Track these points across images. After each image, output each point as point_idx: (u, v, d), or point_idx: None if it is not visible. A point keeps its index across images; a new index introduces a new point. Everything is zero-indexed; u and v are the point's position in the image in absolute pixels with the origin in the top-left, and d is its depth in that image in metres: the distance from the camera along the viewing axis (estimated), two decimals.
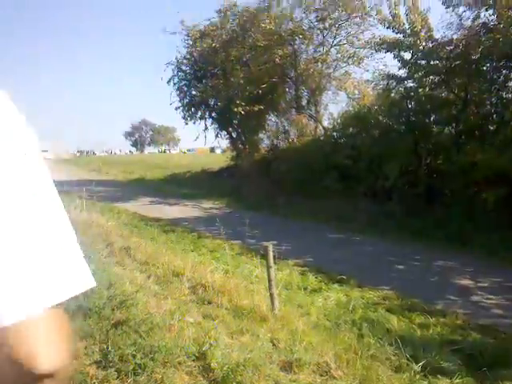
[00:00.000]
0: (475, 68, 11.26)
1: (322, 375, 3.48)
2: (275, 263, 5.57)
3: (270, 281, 4.96)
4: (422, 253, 8.41)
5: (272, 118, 22.43)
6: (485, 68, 11.51)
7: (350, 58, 18.79)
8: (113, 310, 4.23)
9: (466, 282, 6.87)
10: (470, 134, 11.94)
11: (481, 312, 5.66)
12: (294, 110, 20.78)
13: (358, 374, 3.50)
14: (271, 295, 4.89)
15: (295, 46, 19.46)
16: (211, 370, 3.32)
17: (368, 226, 10.38)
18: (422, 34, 12.26)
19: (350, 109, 17.20)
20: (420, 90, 12.94)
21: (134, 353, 3.32)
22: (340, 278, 6.48)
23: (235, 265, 7.16)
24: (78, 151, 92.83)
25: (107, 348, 3.42)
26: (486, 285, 6.70)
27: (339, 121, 17.00)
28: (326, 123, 19.44)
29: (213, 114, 24.18)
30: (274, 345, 3.94)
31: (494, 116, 11.81)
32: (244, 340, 3.95)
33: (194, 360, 3.50)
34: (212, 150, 47.54)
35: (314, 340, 4.08)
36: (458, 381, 3.84)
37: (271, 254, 5.02)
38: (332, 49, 19.40)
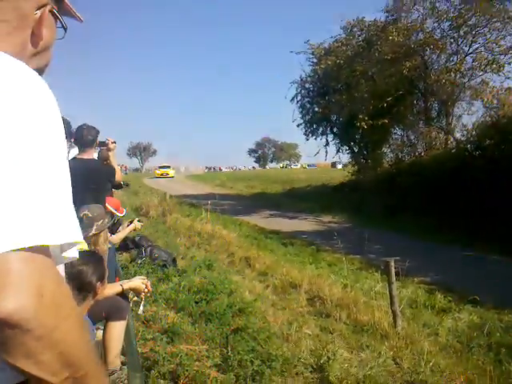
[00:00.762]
0: None
1: None
2: (398, 280, 5.27)
3: (391, 297, 4.69)
4: None
5: (397, 132, 21.73)
6: None
7: (488, 65, 17.21)
8: (232, 316, 4.35)
9: None
10: None
11: None
12: (421, 122, 19.79)
13: None
14: (393, 312, 4.61)
15: (425, 57, 18.57)
16: None
17: (504, 244, 9.29)
18: None
19: (487, 119, 15.79)
20: None
21: (253, 359, 3.35)
22: (473, 299, 5.84)
23: (354, 279, 6.92)
24: (206, 167, 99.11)
25: (227, 352, 3.49)
26: None
27: (474, 132, 15.69)
28: (458, 135, 18.11)
29: (334, 130, 24.30)
30: (396, 364, 3.70)
31: None
32: (364, 356, 3.77)
33: (311, 372, 3.43)
34: (333, 165, 47.25)
35: (441, 362, 3.74)
36: None
37: (393, 270, 4.75)
38: (467, 57, 18.00)
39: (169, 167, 51.69)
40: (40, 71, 0.84)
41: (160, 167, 52.17)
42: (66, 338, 0.63)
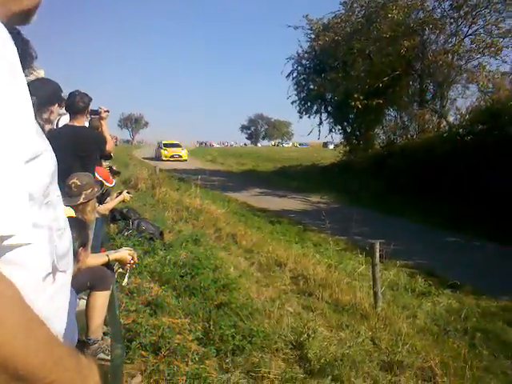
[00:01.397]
0: None
1: (425, 380, 3.28)
2: (381, 262, 5.33)
3: (374, 279, 4.77)
4: None
5: (391, 113, 21.71)
6: None
7: (486, 48, 17.09)
8: (216, 291, 4.39)
9: None
10: None
11: None
12: (416, 104, 19.76)
13: None
14: (375, 293, 4.70)
15: (424, 37, 18.37)
16: (308, 361, 3.29)
17: (493, 231, 9.44)
18: None
19: (482, 103, 15.76)
20: None
21: (234, 334, 3.41)
22: (453, 283, 5.95)
23: (339, 260, 7.01)
24: (197, 142, 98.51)
25: (209, 327, 3.55)
26: None
27: (467, 116, 15.68)
28: (451, 119, 18.14)
29: (328, 109, 24.26)
30: (374, 343, 3.79)
31: None
32: (343, 335, 3.86)
33: (291, 348, 3.50)
34: (325, 145, 47.13)
35: (418, 344, 3.84)
36: None
37: (377, 252, 4.81)
38: (466, 39, 17.79)
39: (179, 146, 35.78)
40: (29, 12, 0.77)
41: (166, 145, 35.20)
42: (9, 349, 0.53)
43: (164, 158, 32.20)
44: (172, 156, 33.30)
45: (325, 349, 3.42)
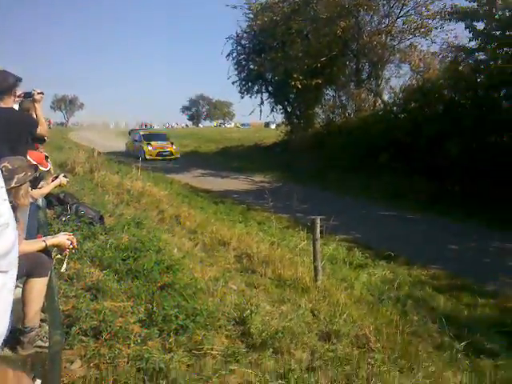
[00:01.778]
0: None
1: (360, 347, 3.44)
2: (322, 237, 5.51)
3: (314, 253, 4.93)
4: (478, 233, 8.00)
5: (329, 93, 22.12)
6: None
7: (416, 29, 17.87)
8: (160, 273, 4.36)
9: None
10: None
11: None
12: (352, 83, 20.31)
13: (397, 348, 3.44)
14: (315, 267, 4.87)
15: (359, 18, 18.80)
16: (250, 335, 3.36)
17: (424, 204, 10.03)
18: (499, 1, 11.29)
19: (413, 82, 16.47)
20: (491, 63, 11.94)
21: (177, 314, 3.41)
22: (388, 255, 6.34)
23: (281, 237, 7.20)
24: (137, 124, 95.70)
25: (152, 308, 3.53)
26: None
27: (401, 95, 16.33)
28: (386, 98, 18.80)
29: (269, 88, 24.29)
30: (314, 315, 3.94)
31: None
32: (284, 309, 3.97)
33: (234, 324, 3.56)
34: (266, 124, 47.30)
35: (354, 313, 4.05)
36: (502, 362, 3.69)
37: (318, 227, 4.97)
38: (398, 20, 18.51)
39: (165, 137, 25.47)
40: None
41: (147, 137, 24.37)
42: None
43: (148, 157, 21.67)
44: (160, 154, 22.56)
45: (267, 323, 3.51)
